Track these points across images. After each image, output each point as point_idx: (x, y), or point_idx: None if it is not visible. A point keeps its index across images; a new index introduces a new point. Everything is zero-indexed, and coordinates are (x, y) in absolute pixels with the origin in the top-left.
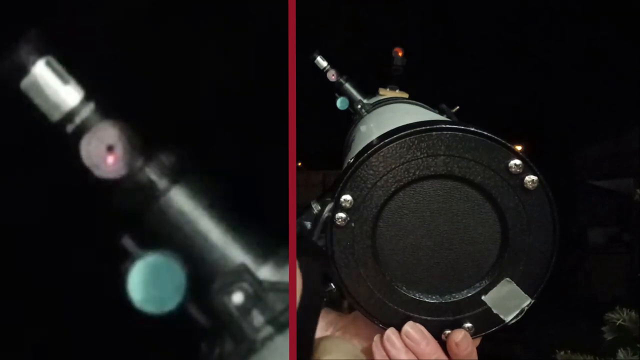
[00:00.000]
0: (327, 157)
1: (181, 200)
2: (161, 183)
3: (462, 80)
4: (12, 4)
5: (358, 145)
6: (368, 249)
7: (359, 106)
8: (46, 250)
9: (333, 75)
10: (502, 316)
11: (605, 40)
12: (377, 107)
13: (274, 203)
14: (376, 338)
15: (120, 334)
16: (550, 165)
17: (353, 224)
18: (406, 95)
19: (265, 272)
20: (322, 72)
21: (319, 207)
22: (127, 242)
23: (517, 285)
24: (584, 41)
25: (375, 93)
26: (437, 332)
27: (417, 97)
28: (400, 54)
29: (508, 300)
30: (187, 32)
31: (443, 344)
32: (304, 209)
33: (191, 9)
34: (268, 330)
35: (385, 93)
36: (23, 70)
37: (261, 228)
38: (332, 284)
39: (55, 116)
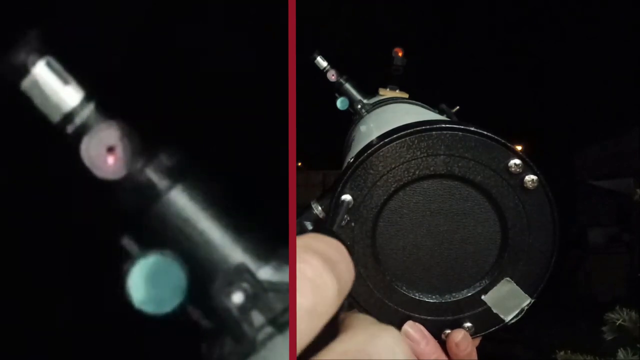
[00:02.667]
0: (327, 157)
1: (181, 201)
2: (161, 183)
3: (462, 80)
4: (12, 4)
5: (358, 145)
6: (368, 249)
7: (359, 106)
8: (46, 250)
9: (333, 75)
10: (502, 316)
11: (605, 40)
12: (377, 107)
13: (274, 203)
14: None
15: (120, 334)
16: (550, 165)
17: (353, 224)
18: (406, 95)
19: (265, 272)
20: (322, 72)
21: (320, 207)
22: (127, 243)
23: (517, 285)
24: (584, 41)
25: (375, 93)
26: (437, 331)
27: (417, 97)
28: (400, 54)
29: (508, 300)
30: (187, 31)
31: (443, 344)
32: (304, 209)
33: (191, 9)
34: (268, 330)
35: (385, 93)
36: (23, 70)
37: (261, 228)
38: None
39: (56, 117)
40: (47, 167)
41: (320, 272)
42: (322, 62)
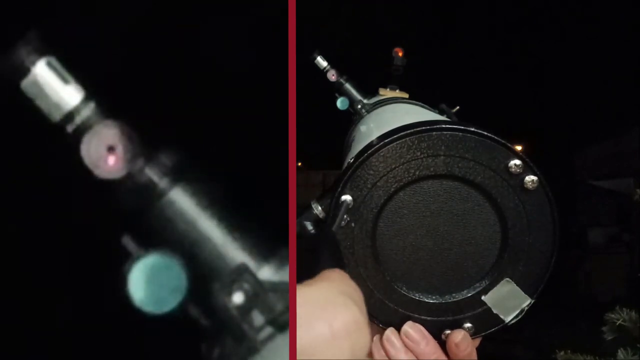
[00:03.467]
0: (327, 157)
1: (181, 201)
2: (162, 183)
3: (462, 80)
4: (12, 4)
5: (358, 145)
6: (368, 249)
7: (359, 106)
8: (46, 250)
9: (333, 75)
10: (502, 316)
11: (605, 40)
12: (377, 107)
13: (274, 203)
14: (376, 338)
15: (120, 334)
16: (550, 165)
17: (353, 224)
18: (406, 95)
19: (265, 272)
20: (322, 72)
21: (320, 207)
22: (128, 242)
23: (517, 285)
24: (584, 41)
25: (375, 93)
26: (436, 332)
27: (417, 97)
28: (400, 54)
29: (508, 300)
30: (187, 32)
31: (443, 344)
32: (304, 209)
33: (191, 9)
34: (268, 330)
35: (385, 93)
36: (23, 70)
37: (261, 228)
38: None
39: (56, 116)
40: (47, 167)
41: (361, 329)
42: (322, 62)
